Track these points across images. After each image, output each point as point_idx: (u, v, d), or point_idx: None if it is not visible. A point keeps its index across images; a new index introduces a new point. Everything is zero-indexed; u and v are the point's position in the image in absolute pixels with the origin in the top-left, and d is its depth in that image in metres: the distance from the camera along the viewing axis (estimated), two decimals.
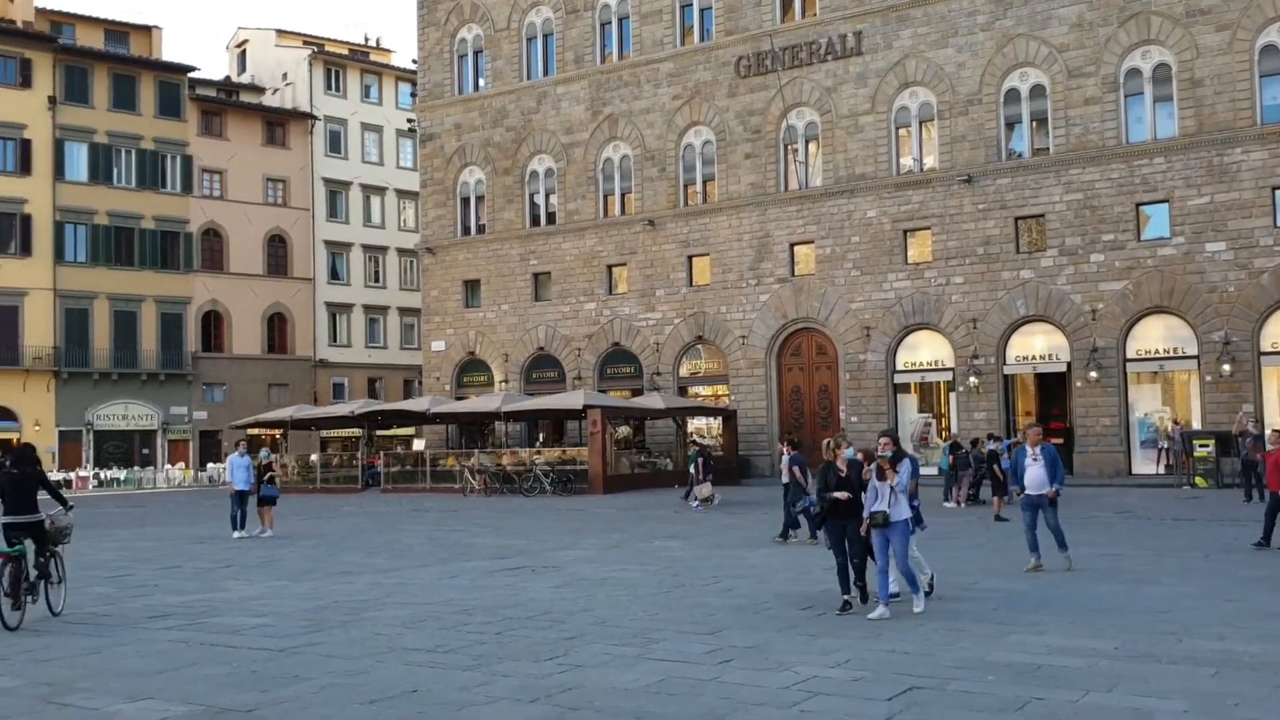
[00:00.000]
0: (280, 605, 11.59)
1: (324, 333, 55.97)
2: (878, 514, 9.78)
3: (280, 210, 54.63)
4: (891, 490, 9.82)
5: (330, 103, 56.56)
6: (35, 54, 47.89)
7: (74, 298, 48.53)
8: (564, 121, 41.87)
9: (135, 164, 50.39)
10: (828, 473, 10.41)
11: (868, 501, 9.90)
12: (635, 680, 7.57)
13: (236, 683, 7.76)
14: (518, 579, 13.37)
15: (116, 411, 49.74)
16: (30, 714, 6.96)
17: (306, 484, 40.05)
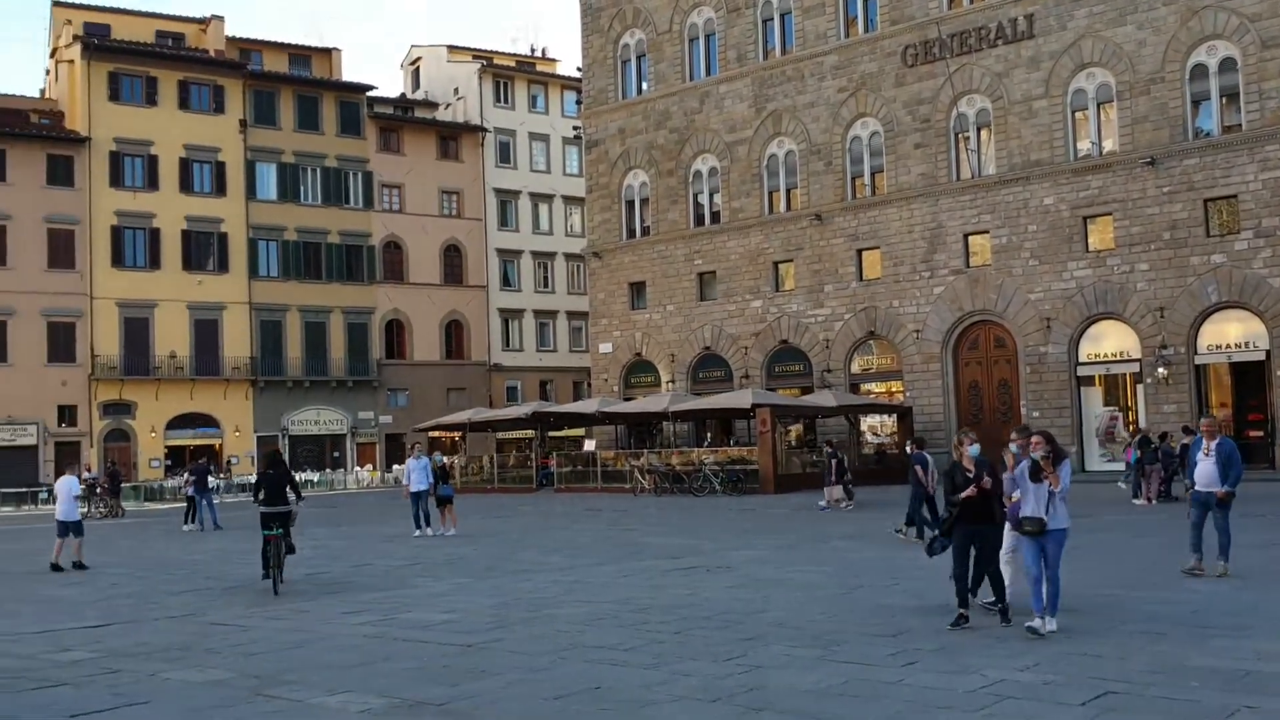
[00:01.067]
0: (465, 602, 11.98)
1: (497, 338, 57.50)
2: (1032, 521, 8.92)
3: (455, 221, 56.42)
4: (1051, 495, 8.89)
5: (499, 114, 58.07)
6: (227, 81, 50.84)
7: (268, 310, 51.29)
8: (727, 120, 41.86)
9: (320, 182, 52.93)
10: (954, 473, 9.69)
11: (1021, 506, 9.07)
12: (817, 682, 7.52)
13: (428, 676, 8.06)
14: (693, 579, 13.45)
15: (309, 417, 52.32)
16: (244, 704, 7.40)
17: (484, 484, 41.20)
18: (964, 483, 9.51)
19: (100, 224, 47.65)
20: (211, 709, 7.26)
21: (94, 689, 8.02)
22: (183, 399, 49.28)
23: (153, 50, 50.80)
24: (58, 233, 46.83)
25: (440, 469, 22.09)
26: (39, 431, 46.42)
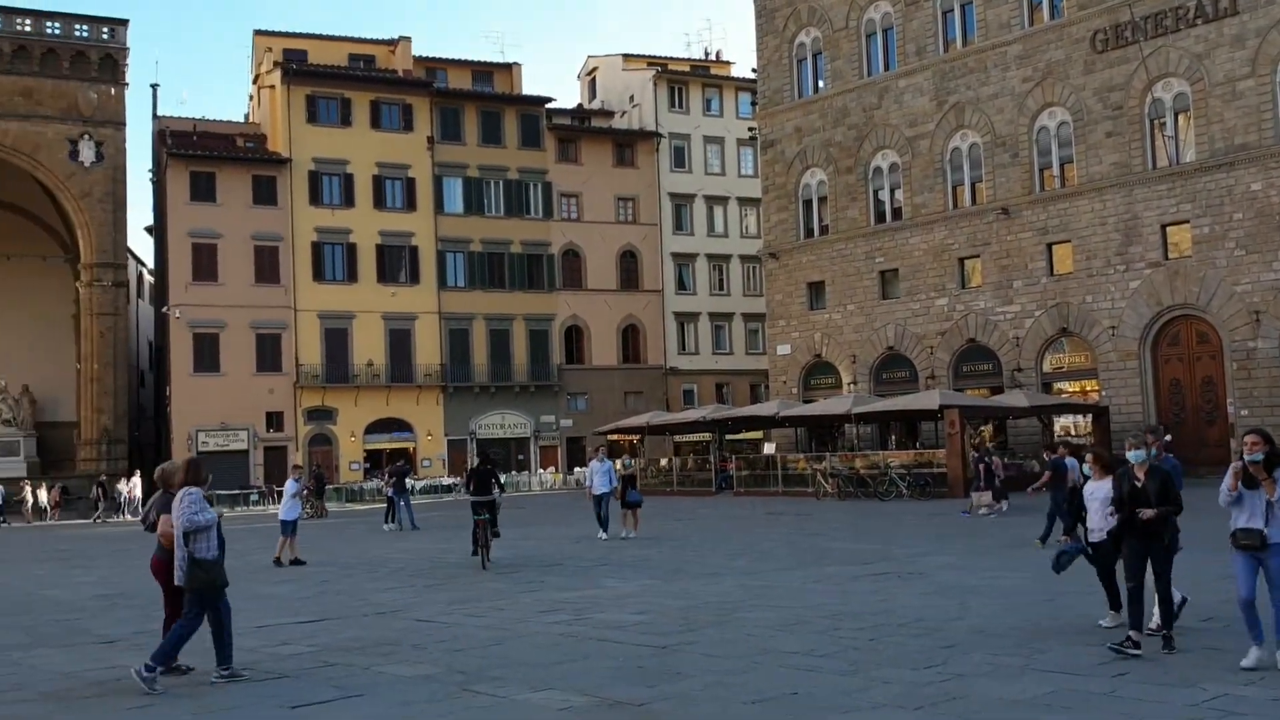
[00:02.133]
0: (655, 603, 12.12)
1: (673, 341, 57.89)
2: (1248, 533, 7.82)
3: (630, 227, 57.12)
4: (1269, 505, 7.76)
5: (674, 119, 58.50)
6: (415, 99, 52.94)
7: (455, 319, 53.14)
8: (907, 115, 41.03)
9: (502, 193, 54.53)
10: (1124, 480, 8.87)
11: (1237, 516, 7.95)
12: (1022, 691, 7.29)
13: (625, 676, 8.20)
14: (884, 585, 13.23)
15: (495, 421, 53.92)
16: (453, 699, 7.71)
17: (663, 487, 41.53)
18: (1134, 490, 8.69)
19: (302, 240, 50.34)
20: (424, 703, 7.58)
21: (312, 682, 8.48)
22: (379, 405, 51.55)
23: (346, 73, 53.40)
24: (263, 249, 49.71)
25: (629, 475, 22.39)
26: (249, 437, 49.37)
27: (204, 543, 8.49)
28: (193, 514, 8.42)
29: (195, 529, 8.43)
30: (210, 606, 8.60)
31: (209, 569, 8.48)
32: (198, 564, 8.43)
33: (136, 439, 55.05)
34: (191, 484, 8.64)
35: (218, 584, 8.58)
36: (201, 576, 8.43)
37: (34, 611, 13.68)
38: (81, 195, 49.20)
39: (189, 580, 8.42)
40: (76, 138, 49.25)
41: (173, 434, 49.38)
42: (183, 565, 8.43)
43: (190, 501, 8.48)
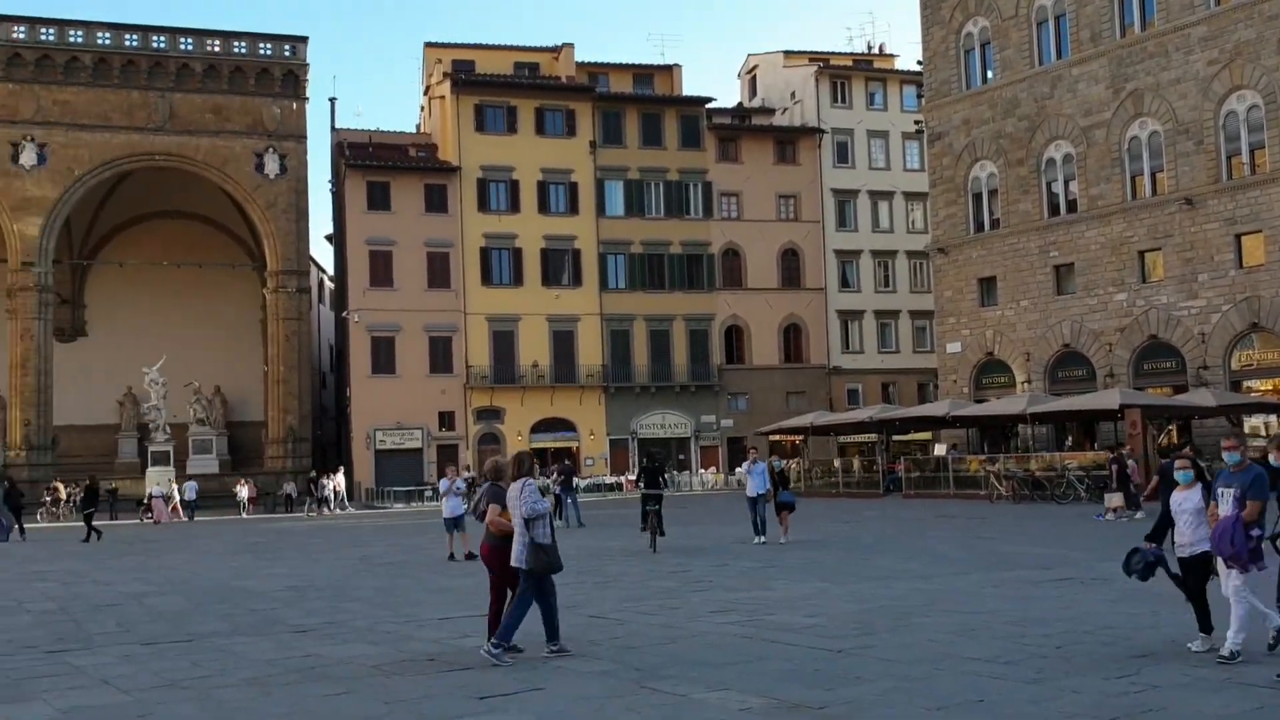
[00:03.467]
0: (827, 606, 11.99)
1: (836, 340, 57.17)
2: None
3: (792, 225, 56.68)
4: None
5: (836, 115, 57.78)
6: (578, 104, 53.82)
7: (616, 320, 53.78)
8: (1082, 104, 39.47)
9: (662, 195, 54.90)
10: None
11: None
12: (1224, 706, 6.92)
13: (801, 679, 8.14)
14: (1067, 590, 12.75)
15: (655, 421, 54.32)
16: (630, 695, 7.80)
17: (829, 489, 41.05)
18: None
19: (471, 245, 51.83)
20: (602, 698, 7.69)
21: (495, 674, 8.71)
22: (544, 405, 52.62)
23: (512, 81, 54.69)
24: (435, 255, 51.39)
25: (779, 474, 21.91)
26: (423, 436, 51.12)
27: (541, 528, 9.12)
28: (533, 503, 9.09)
29: (535, 516, 9.07)
30: (539, 587, 9.23)
31: (549, 553, 9.13)
32: (539, 548, 9.07)
33: (319, 437, 57.68)
34: (526, 476, 9.34)
35: (555, 567, 9.24)
36: (543, 559, 9.10)
37: (231, 601, 14.47)
38: (267, 206, 51.83)
39: (533, 563, 9.06)
40: (262, 151, 51.91)
41: (352, 433, 51.57)
42: (524, 549, 9.07)
43: (530, 491, 9.16)
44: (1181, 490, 8.78)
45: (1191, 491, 8.68)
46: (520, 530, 9.14)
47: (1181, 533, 8.76)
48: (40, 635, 11.74)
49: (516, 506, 9.16)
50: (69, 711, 7.77)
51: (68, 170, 49.80)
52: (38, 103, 49.55)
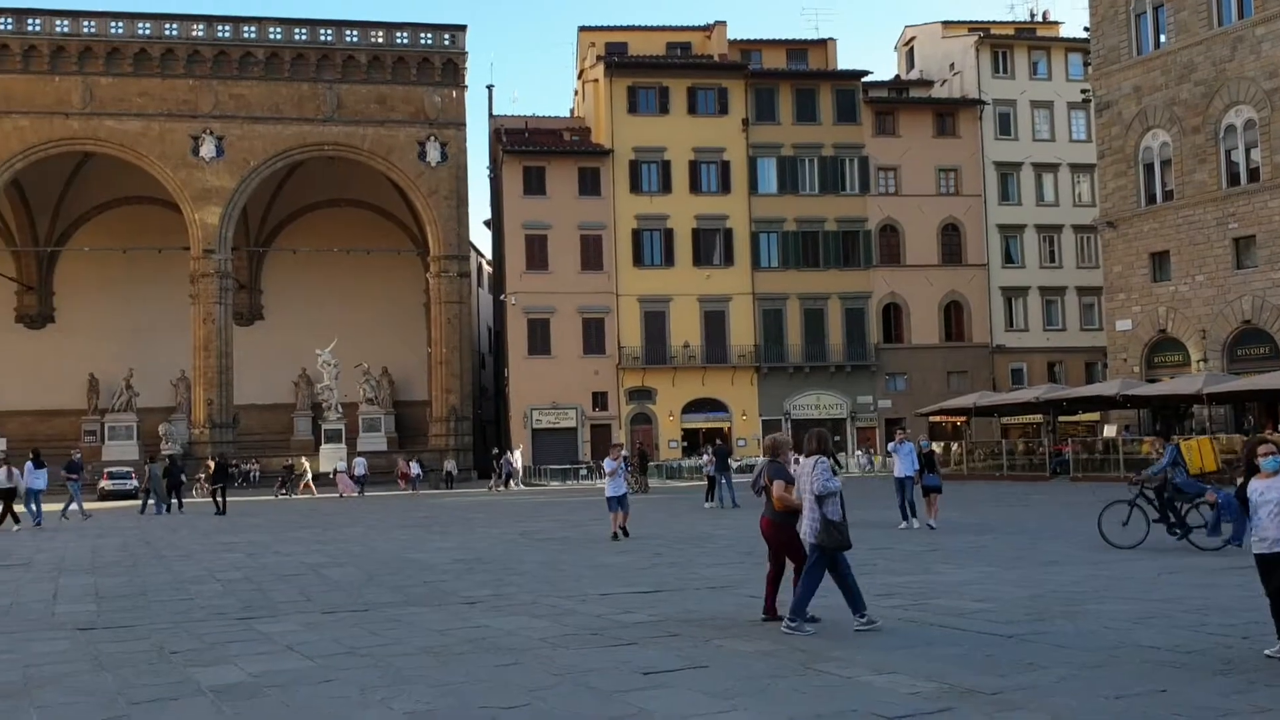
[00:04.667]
0: (996, 591, 11.68)
1: (999, 318, 55.52)
2: None
3: (952, 199, 55.24)
4: None
5: (998, 85, 55.96)
6: (730, 83, 53.58)
7: (769, 300, 53.45)
8: (1265, 66, 37.17)
9: (817, 171, 54.22)
10: None
11: None
12: None
13: (972, 664, 7.96)
14: (1251, 577, 12.07)
15: (809, 401, 53.84)
16: (796, 676, 7.77)
17: (992, 471, 39.97)
18: None
19: (623, 227, 52.27)
20: (768, 678, 7.68)
21: (658, 650, 8.80)
22: (695, 385, 52.76)
23: (665, 62, 54.78)
24: (589, 238, 52.04)
25: (926, 455, 21.08)
26: (577, 415, 51.94)
27: (833, 505, 9.27)
28: (825, 480, 9.24)
29: (827, 493, 9.23)
30: (833, 564, 9.38)
31: (841, 529, 9.28)
32: (831, 524, 9.23)
33: (479, 416, 59.26)
34: (820, 453, 9.50)
35: (846, 544, 9.35)
36: (835, 536, 9.25)
37: (403, 573, 15.01)
38: (429, 193, 53.35)
39: (824, 539, 9.24)
40: (424, 139, 53.42)
41: (510, 412, 52.78)
42: (816, 525, 9.25)
43: (823, 469, 9.32)
44: (1264, 478, 7.96)
45: (1276, 480, 7.88)
46: (811, 506, 9.27)
47: (1263, 526, 7.97)
48: (230, 603, 12.42)
49: (807, 483, 9.28)
50: (259, 675, 8.20)
51: (243, 161, 52.28)
52: (215, 97, 52.13)
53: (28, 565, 17.50)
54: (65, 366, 56.29)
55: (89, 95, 51.11)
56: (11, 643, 9.99)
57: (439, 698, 7.32)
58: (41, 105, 50.71)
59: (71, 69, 51.11)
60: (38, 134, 50.82)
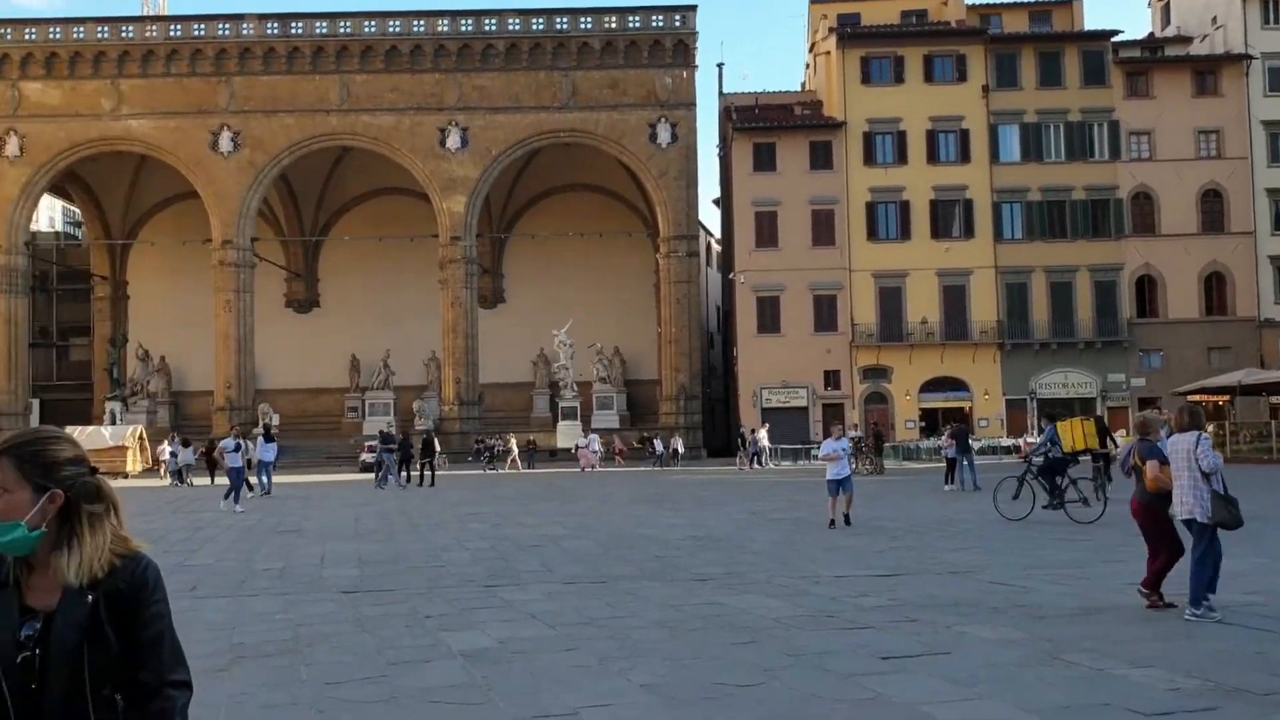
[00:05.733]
0: (1268, 584, 10.82)
1: (1268, 289, 51.36)
2: None
3: (1213, 163, 51.38)
4: None
5: (1267, 38, 51.53)
6: (969, 49, 51.63)
7: (1012, 273, 51.30)
8: None
9: (1062, 138, 51.56)
10: None
11: None
12: None
13: (1238, 661, 7.40)
14: None
15: (1056, 380, 51.42)
16: (1043, 666, 7.44)
17: (1260, 454, 37.06)
18: None
19: (856, 201, 51.32)
20: (1014, 667, 7.39)
21: (896, 635, 8.62)
22: (933, 363, 51.30)
23: (899, 30, 53.37)
24: (820, 213, 51.41)
25: None
26: (808, 394, 51.51)
27: (1217, 482, 9.06)
28: (1212, 456, 9.07)
29: (1214, 470, 9.07)
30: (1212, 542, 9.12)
31: (1233, 507, 9.03)
32: (1227, 501, 9.04)
33: (708, 395, 59.71)
34: (1195, 428, 9.35)
35: (1237, 521, 9.08)
36: (1232, 512, 9.01)
37: (637, 547, 15.33)
38: (659, 174, 54.02)
39: (1218, 515, 9.04)
40: (654, 121, 54.08)
41: (739, 391, 52.91)
42: (1206, 504, 9.05)
43: (1206, 444, 9.16)
44: None
45: None
46: (1195, 484, 9.00)
47: None
48: (477, 571, 13.04)
49: (1186, 460, 9.05)
50: (505, 641, 8.57)
51: (486, 150, 54.46)
52: (460, 90, 54.49)
53: (299, 532, 18.93)
54: (329, 348, 60.40)
55: (346, 92, 54.45)
56: (286, 604, 10.84)
57: (674, 671, 7.43)
58: (304, 103, 54.42)
59: (330, 68, 54.57)
60: (302, 130, 54.60)
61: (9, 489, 2.44)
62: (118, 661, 2.47)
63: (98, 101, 54.02)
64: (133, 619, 2.50)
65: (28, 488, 2.45)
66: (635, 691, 6.94)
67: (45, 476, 2.47)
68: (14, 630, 2.42)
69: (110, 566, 2.49)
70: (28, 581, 2.49)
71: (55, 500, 2.47)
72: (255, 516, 22.27)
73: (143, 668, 2.50)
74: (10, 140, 53.61)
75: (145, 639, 2.51)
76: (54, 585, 2.47)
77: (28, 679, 2.40)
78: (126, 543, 2.55)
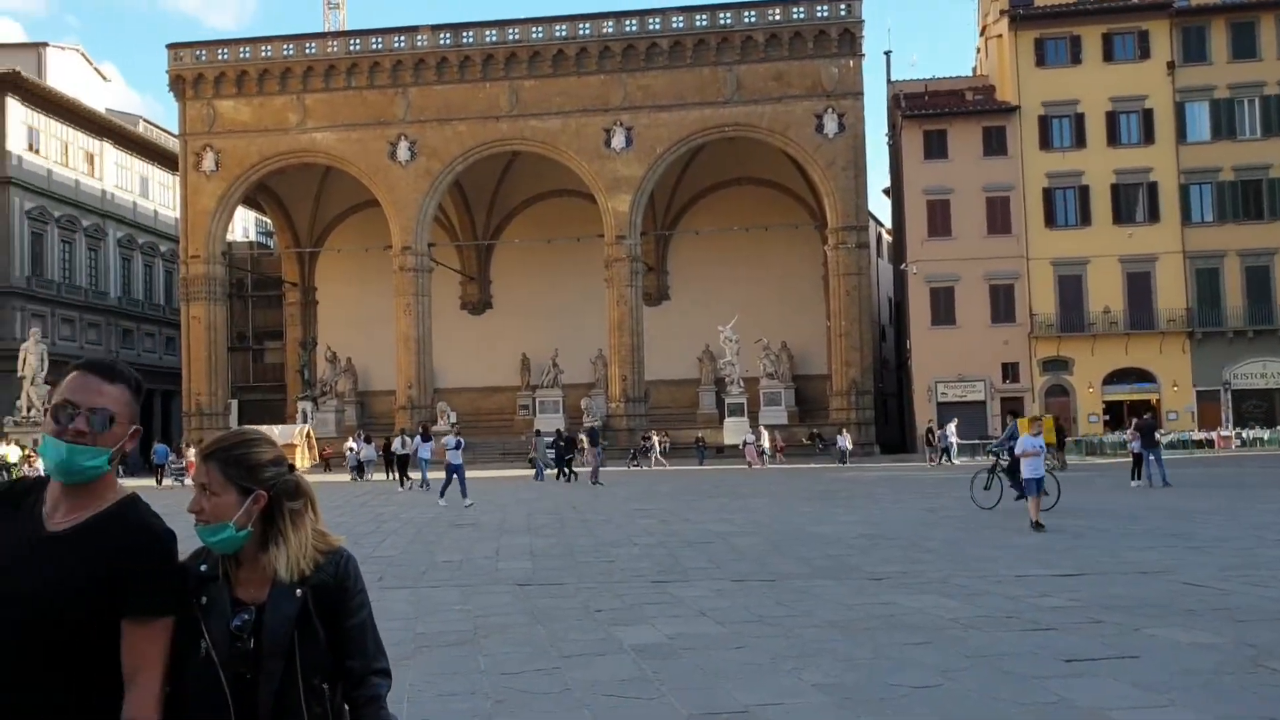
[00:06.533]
0: None
1: None
2: None
3: None
4: None
5: None
6: (1151, 24, 49.17)
7: (1202, 258, 48.66)
8: None
9: (1259, 113, 48.55)
10: None
11: None
12: None
13: None
14: None
15: (1254, 370, 48.47)
16: (1244, 674, 7.02)
17: None
18: None
19: (1032, 187, 49.51)
20: (1211, 674, 6.98)
21: (1080, 636, 8.27)
22: (1117, 354, 49.07)
23: (1075, 9, 51.18)
24: (994, 200, 49.81)
25: None
26: (985, 388, 49.98)
27: None
28: None
29: None
30: None
31: None
32: None
33: (880, 390, 58.61)
34: None
35: None
36: None
37: (808, 544, 15.17)
38: (826, 165, 53.31)
39: None
40: (820, 112, 53.38)
41: (913, 386, 51.75)
42: None
43: None
44: None
45: None
46: None
47: None
48: (646, 566, 13.16)
49: None
50: (675, 637, 8.61)
51: (650, 149, 54.84)
52: (624, 90, 55.05)
53: (476, 525, 19.51)
54: (501, 347, 61.96)
55: (515, 98, 55.73)
56: (464, 595, 11.18)
57: (846, 672, 7.32)
58: (476, 111, 55.96)
59: (500, 75, 55.93)
60: (474, 137, 56.16)
61: (216, 492, 2.57)
62: (326, 652, 2.58)
63: (285, 116, 56.87)
64: (339, 611, 2.61)
65: (233, 490, 2.57)
66: (807, 690, 6.87)
67: (249, 478, 2.59)
68: (228, 621, 2.54)
69: (315, 563, 2.60)
70: (236, 575, 2.62)
71: (259, 501, 2.59)
72: (433, 511, 23.05)
73: (349, 657, 2.62)
74: (207, 156, 56.98)
75: (351, 629, 2.62)
76: (261, 579, 2.60)
77: (243, 669, 2.52)
78: (326, 538, 2.67)
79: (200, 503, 2.57)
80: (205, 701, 2.50)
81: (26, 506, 2.59)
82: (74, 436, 2.52)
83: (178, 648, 2.53)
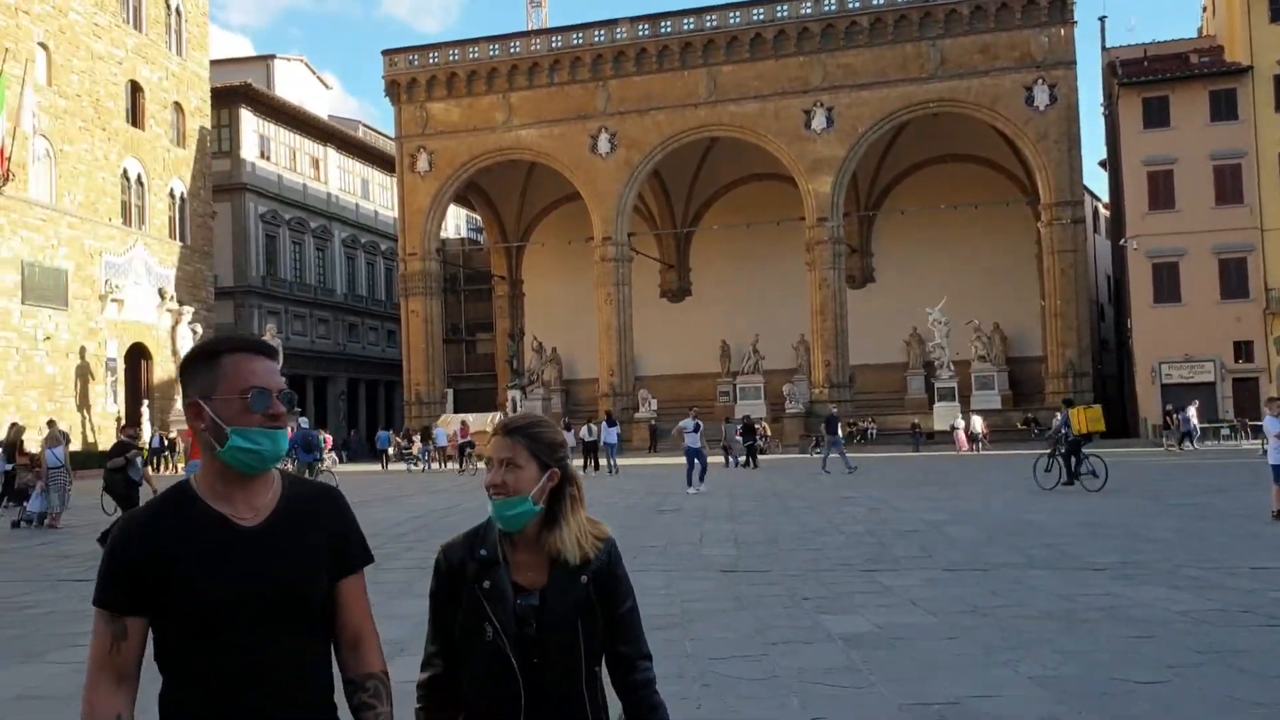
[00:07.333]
0: None
1: None
2: None
3: None
4: None
5: None
6: None
7: None
8: None
9: None
10: None
11: None
12: None
13: None
14: None
15: None
16: None
17: None
18: None
19: (1267, 153, 46.09)
20: None
21: None
22: None
23: None
24: (1223, 169, 46.61)
25: None
26: (1215, 368, 46.89)
27: None
28: None
29: None
30: None
31: None
32: None
33: (1099, 371, 55.84)
34: None
35: None
36: None
37: (1023, 534, 14.64)
38: (1038, 138, 51.07)
39: None
40: (1030, 83, 51.17)
41: (1135, 366, 49.06)
42: None
43: None
44: None
45: None
46: None
47: None
48: (853, 555, 13.00)
49: None
50: (884, 627, 8.50)
51: (852, 129, 53.90)
52: (824, 70, 54.27)
53: (678, 511, 19.74)
54: (701, 334, 62.27)
55: (712, 84, 55.79)
56: (669, 580, 11.35)
57: (1064, 664, 7.06)
58: (674, 99, 56.35)
59: (698, 62, 56.11)
60: (672, 125, 56.58)
61: (521, 465, 2.65)
62: (603, 637, 2.66)
63: (492, 115, 58.82)
64: (613, 595, 2.68)
65: (535, 464, 2.66)
66: (1023, 683, 6.66)
67: (549, 455, 2.69)
68: (511, 605, 2.61)
69: (595, 548, 2.68)
70: (513, 559, 2.68)
71: (553, 479, 2.68)
72: (635, 497, 23.43)
73: (623, 643, 2.69)
74: (421, 157, 59.59)
75: (623, 614, 2.69)
76: (539, 563, 2.66)
77: (530, 653, 2.58)
78: (598, 525, 2.75)
79: (501, 475, 2.64)
80: (498, 687, 2.56)
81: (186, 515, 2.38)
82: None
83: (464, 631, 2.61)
